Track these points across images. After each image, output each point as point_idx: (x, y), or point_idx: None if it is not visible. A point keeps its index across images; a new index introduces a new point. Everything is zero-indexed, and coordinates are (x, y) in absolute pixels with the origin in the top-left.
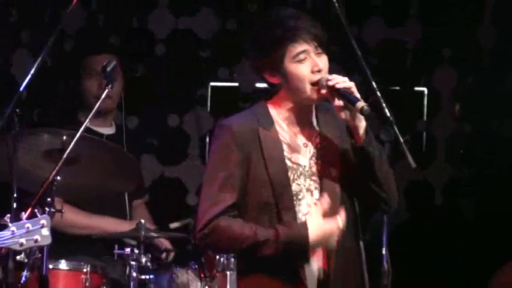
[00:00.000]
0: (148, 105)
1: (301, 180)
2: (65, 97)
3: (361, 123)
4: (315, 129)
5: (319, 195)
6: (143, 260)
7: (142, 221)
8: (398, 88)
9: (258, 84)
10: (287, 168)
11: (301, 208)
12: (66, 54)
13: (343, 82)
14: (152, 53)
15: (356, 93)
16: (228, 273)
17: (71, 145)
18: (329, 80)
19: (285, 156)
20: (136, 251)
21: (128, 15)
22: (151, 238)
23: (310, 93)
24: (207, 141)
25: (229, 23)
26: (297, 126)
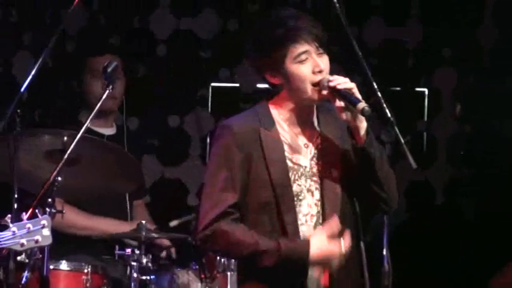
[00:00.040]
0: (149, 105)
1: (302, 180)
2: (65, 98)
3: (362, 124)
4: (316, 129)
5: (319, 196)
6: (144, 260)
7: (143, 222)
8: (398, 88)
9: (258, 85)
10: (288, 169)
11: (302, 209)
12: (67, 55)
13: (344, 83)
14: (153, 54)
15: (357, 94)
16: (229, 274)
17: (72, 146)
18: (330, 80)
19: (286, 157)
20: (137, 252)
21: (129, 16)
22: (152, 239)
23: (311, 94)
24: (208, 141)
25: (230, 23)
26: (298, 126)
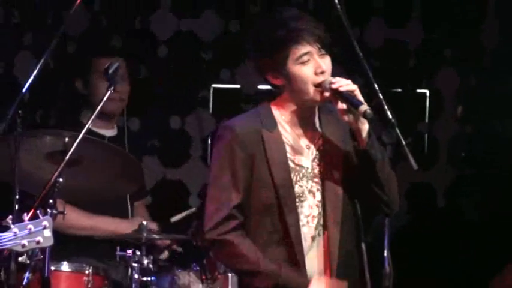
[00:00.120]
0: (150, 106)
1: (304, 182)
2: (67, 99)
3: (364, 126)
4: (318, 130)
5: (320, 197)
6: (145, 261)
7: (145, 223)
8: (400, 90)
9: (260, 86)
10: (290, 170)
11: (303, 210)
12: (68, 56)
13: (346, 85)
14: (154, 55)
15: (359, 96)
16: (230, 275)
17: (73, 147)
18: (332, 82)
19: (288, 158)
20: (138, 253)
21: (130, 17)
22: (153, 240)
23: (313, 95)
24: (209, 142)
25: (232, 24)
26: (300, 128)
